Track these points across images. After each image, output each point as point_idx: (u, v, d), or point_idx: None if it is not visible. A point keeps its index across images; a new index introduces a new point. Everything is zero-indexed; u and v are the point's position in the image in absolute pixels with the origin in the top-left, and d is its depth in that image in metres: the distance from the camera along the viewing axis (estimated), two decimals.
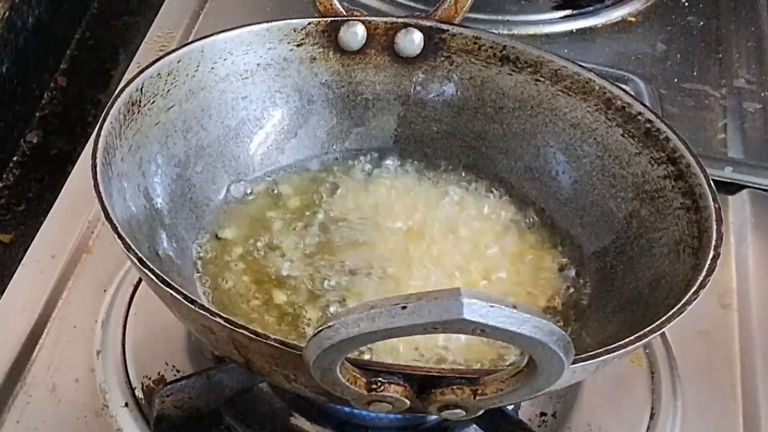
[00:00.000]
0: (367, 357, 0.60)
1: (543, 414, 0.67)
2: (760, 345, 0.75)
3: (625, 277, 0.65)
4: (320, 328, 0.45)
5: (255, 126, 0.72)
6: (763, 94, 1.00)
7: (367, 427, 0.63)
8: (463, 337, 0.61)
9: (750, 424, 0.70)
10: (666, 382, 0.71)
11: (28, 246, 0.75)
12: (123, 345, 0.68)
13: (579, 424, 0.67)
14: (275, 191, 0.71)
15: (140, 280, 0.71)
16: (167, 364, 0.68)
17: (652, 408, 0.69)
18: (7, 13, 0.92)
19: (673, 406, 0.69)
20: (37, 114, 0.98)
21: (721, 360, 0.74)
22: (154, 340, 0.69)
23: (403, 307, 0.43)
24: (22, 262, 0.74)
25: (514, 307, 0.43)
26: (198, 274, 0.66)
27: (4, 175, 0.91)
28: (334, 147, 0.74)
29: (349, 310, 0.44)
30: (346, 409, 0.61)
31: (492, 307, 0.42)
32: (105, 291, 0.72)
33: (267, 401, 0.64)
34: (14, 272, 0.73)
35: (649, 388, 0.70)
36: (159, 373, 0.67)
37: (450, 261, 0.67)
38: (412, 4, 1.02)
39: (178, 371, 0.67)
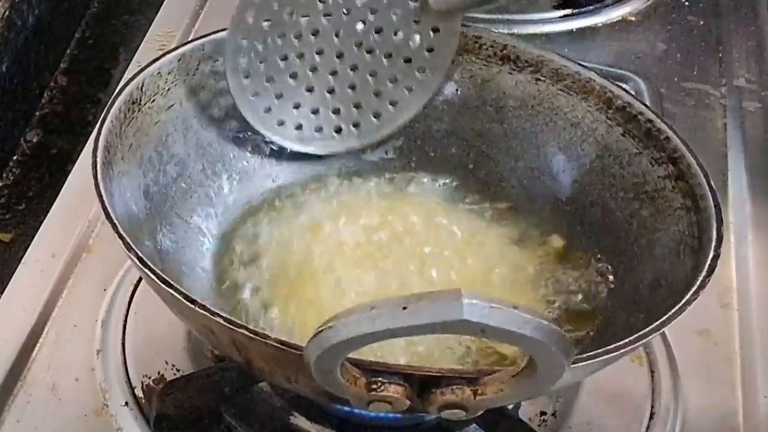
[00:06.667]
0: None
1: (543, 413, 0.67)
2: (760, 345, 0.75)
3: (625, 278, 0.65)
4: (320, 329, 0.45)
5: None
6: (763, 94, 1.00)
7: (367, 427, 0.63)
8: None
9: (750, 423, 0.70)
10: (666, 381, 0.71)
11: (28, 245, 0.75)
12: (123, 344, 0.68)
13: (579, 424, 0.67)
14: (275, 191, 0.71)
15: (140, 279, 0.71)
16: (167, 364, 0.68)
17: (652, 407, 0.69)
18: (7, 12, 0.92)
19: (673, 405, 0.69)
20: (38, 113, 0.98)
21: (721, 360, 0.74)
22: (154, 339, 0.69)
23: (404, 308, 0.43)
24: (22, 262, 0.74)
25: (515, 307, 0.43)
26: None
27: (4, 175, 0.91)
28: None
29: (349, 311, 0.44)
30: (346, 408, 0.61)
31: (492, 307, 0.42)
32: (105, 290, 0.72)
33: (267, 401, 0.64)
34: (14, 272, 0.73)
35: (649, 388, 0.70)
36: (159, 373, 0.67)
37: (449, 262, 0.67)
38: None
39: (178, 370, 0.67)
